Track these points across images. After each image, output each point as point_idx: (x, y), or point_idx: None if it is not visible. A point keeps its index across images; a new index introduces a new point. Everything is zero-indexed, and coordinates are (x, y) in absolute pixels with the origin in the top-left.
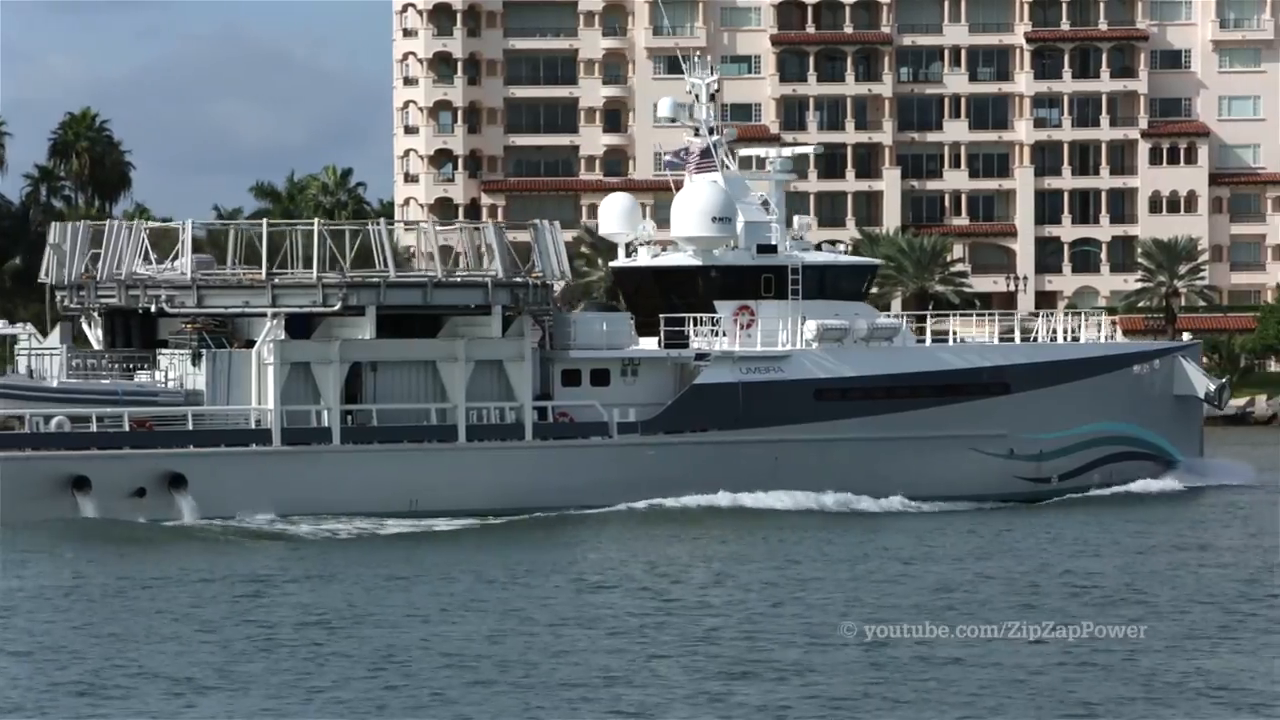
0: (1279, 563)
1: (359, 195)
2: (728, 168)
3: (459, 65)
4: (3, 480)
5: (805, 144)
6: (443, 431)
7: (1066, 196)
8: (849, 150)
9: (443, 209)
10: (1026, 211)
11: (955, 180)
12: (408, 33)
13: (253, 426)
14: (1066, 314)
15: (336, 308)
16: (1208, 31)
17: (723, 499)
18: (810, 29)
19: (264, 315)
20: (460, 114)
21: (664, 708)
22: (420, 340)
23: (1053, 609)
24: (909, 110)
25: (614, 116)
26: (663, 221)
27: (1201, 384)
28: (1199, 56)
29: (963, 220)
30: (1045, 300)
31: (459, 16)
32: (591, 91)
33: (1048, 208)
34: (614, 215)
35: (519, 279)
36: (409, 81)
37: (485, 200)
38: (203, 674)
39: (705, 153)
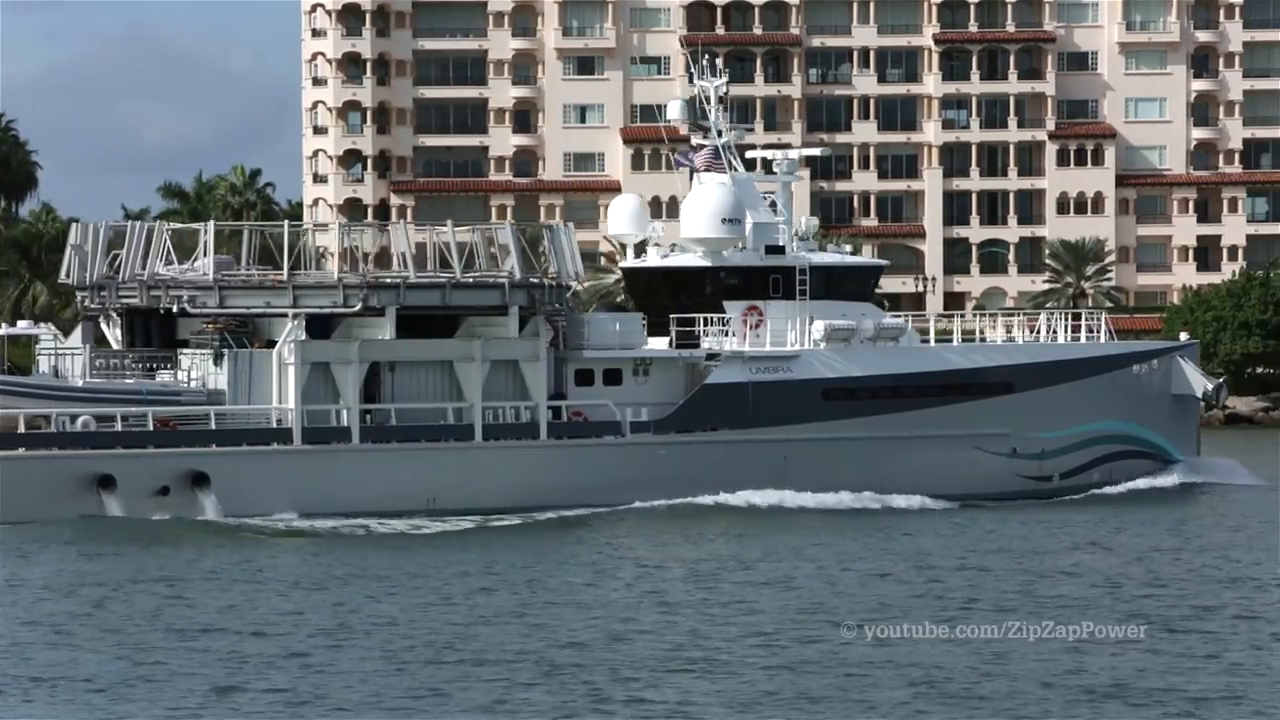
0: None
1: (268, 196)
2: (735, 169)
3: (368, 65)
4: (30, 479)
5: (810, 149)
6: (460, 431)
7: (974, 198)
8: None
9: (352, 210)
10: (935, 213)
11: (864, 181)
12: (316, 33)
13: (274, 426)
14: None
15: (357, 308)
16: (1114, 34)
17: (763, 497)
18: (720, 30)
19: (285, 316)
20: (369, 114)
21: None
22: (438, 340)
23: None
24: (818, 111)
25: (524, 117)
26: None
27: (1199, 383)
28: (1105, 59)
29: (871, 221)
30: (953, 301)
31: (368, 17)
32: (501, 92)
33: (956, 209)
34: (622, 216)
35: (535, 280)
36: (318, 82)
37: (395, 201)
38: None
39: (714, 154)
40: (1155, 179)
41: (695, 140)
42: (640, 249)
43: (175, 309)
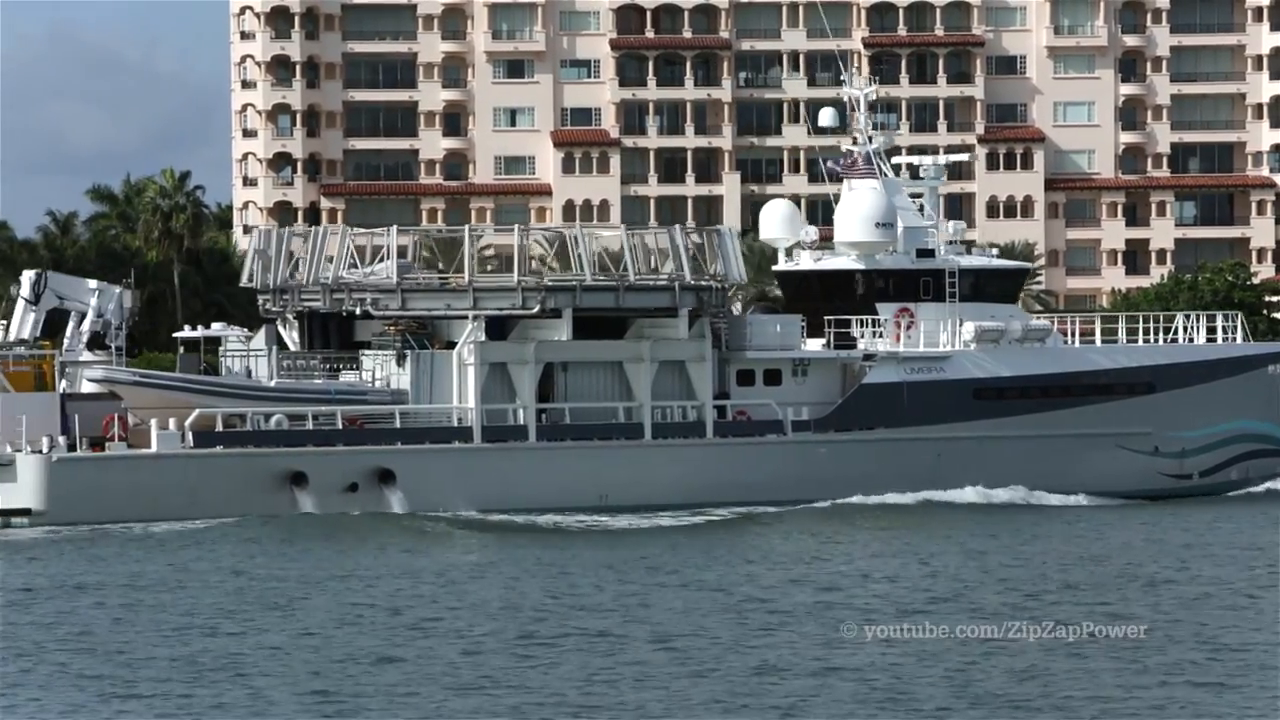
0: None
1: (197, 199)
2: (885, 174)
3: (297, 68)
4: (228, 476)
5: (960, 152)
6: (630, 429)
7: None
8: (688, 155)
9: (282, 213)
10: None
11: (794, 185)
12: (245, 35)
13: (455, 424)
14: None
15: (535, 310)
16: (1042, 38)
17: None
18: (649, 33)
19: (465, 318)
20: (299, 117)
21: None
22: (610, 341)
23: None
24: (748, 115)
25: (454, 120)
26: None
27: None
28: (1034, 62)
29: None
30: None
31: (297, 19)
32: (431, 95)
33: None
34: (775, 221)
35: (703, 282)
36: (247, 84)
37: (325, 204)
38: None
39: (865, 159)
40: (1084, 183)
41: (844, 146)
42: (790, 252)
43: (358, 311)
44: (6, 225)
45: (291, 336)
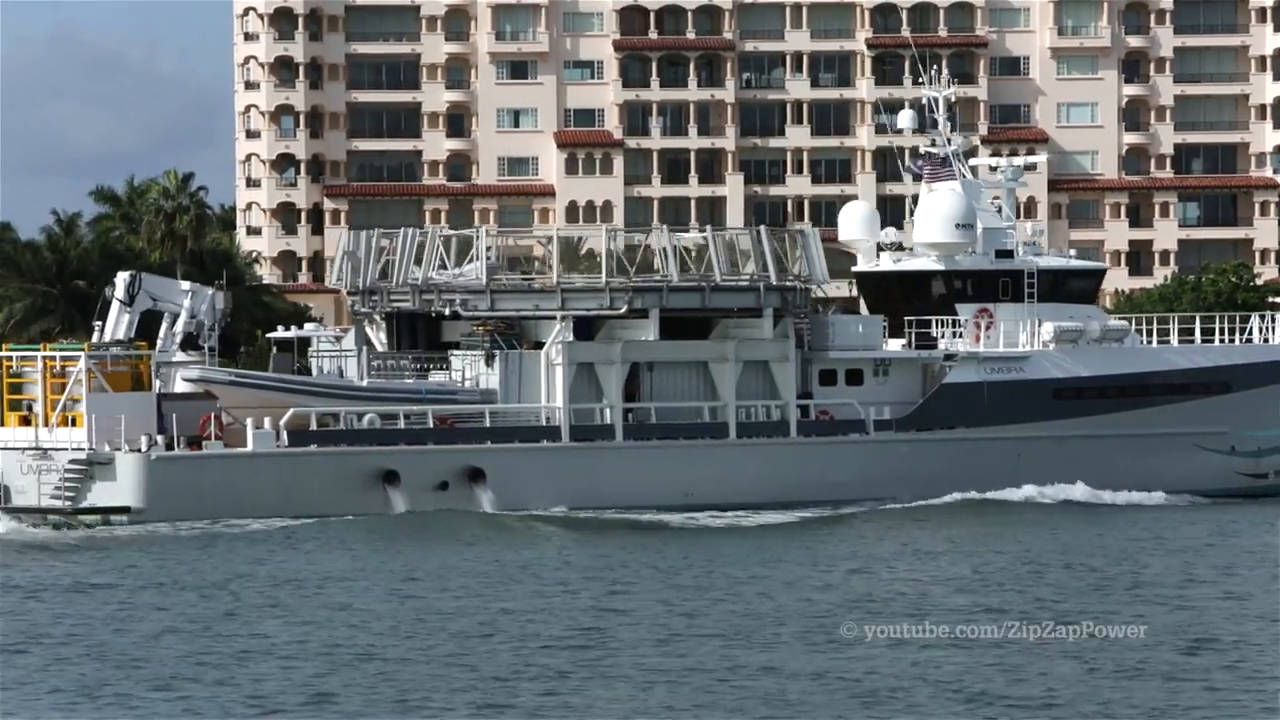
0: None
1: (201, 200)
2: (964, 176)
3: (301, 69)
4: (322, 474)
5: (1035, 156)
6: (714, 429)
7: (908, 202)
8: (692, 156)
9: (285, 214)
10: None
11: (797, 186)
12: (249, 36)
13: (543, 424)
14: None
15: (622, 310)
16: (1046, 39)
17: (1024, 492)
18: (653, 34)
19: (553, 318)
20: (302, 118)
21: None
22: (695, 341)
23: None
24: (751, 116)
25: (457, 121)
26: (509, 227)
27: None
28: (1037, 63)
29: (805, 225)
30: None
31: (300, 20)
32: (434, 96)
33: (890, 213)
34: (853, 222)
35: (789, 283)
36: (250, 85)
37: (328, 205)
38: None
39: (944, 161)
40: (1087, 184)
41: (923, 148)
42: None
43: (447, 312)
44: (10, 227)
45: (379, 337)
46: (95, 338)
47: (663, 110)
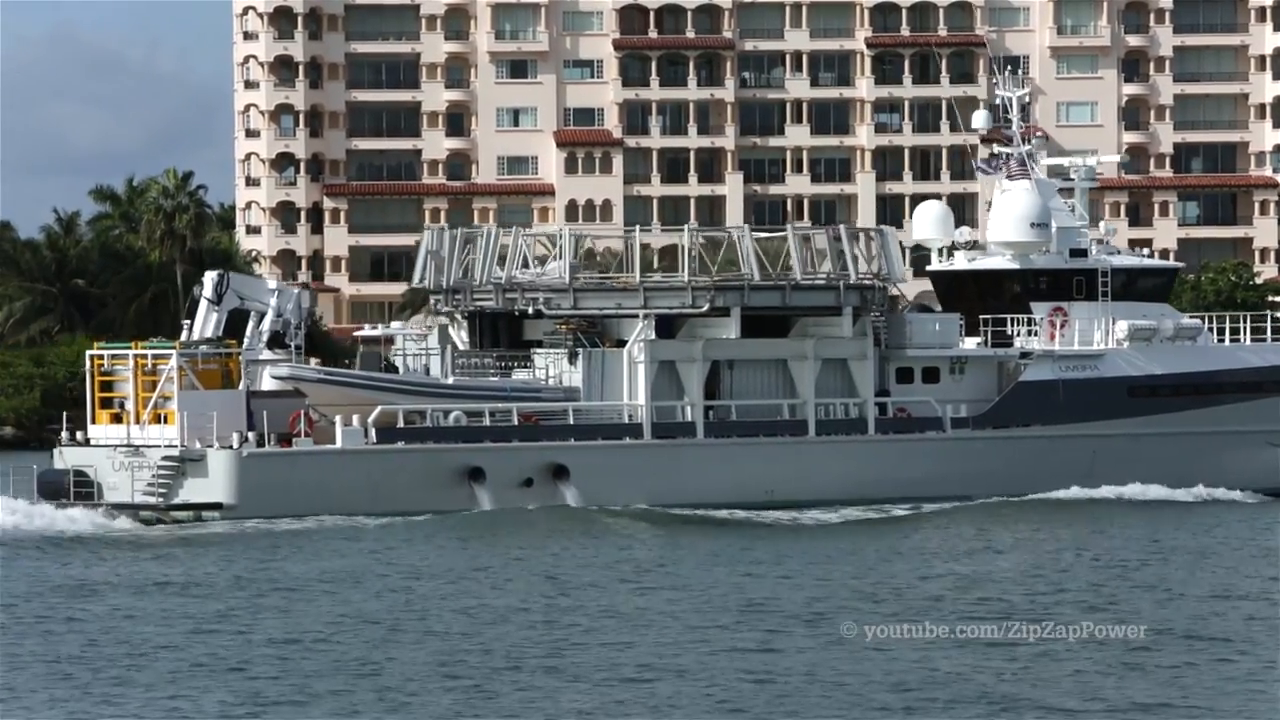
0: None
1: (200, 199)
2: (1038, 175)
3: (300, 69)
4: (408, 471)
5: (1111, 155)
6: (794, 426)
7: (908, 201)
8: (691, 155)
9: (284, 213)
10: (868, 216)
11: (797, 185)
12: (248, 36)
13: (626, 421)
14: None
15: (704, 309)
16: (1045, 38)
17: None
18: (652, 34)
19: (635, 316)
20: (302, 117)
21: None
22: (775, 340)
23: None
24: (751, 115)
25: (456, 120)
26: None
27: None
28: (1037, 63)
29: (805, 224)
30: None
31: (300, 20)
32: (434, 95)
33: (889, 212)
34: (928, 222)
35: (868, 282)
36: (250, 85)
37: (328, 204)
38: None
39: (1019, 161)
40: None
41: (996, 148)
42: (945, 252)
43: (530, 311)
44: (9, 226)
45: (460, 335)
46: (183, 336)
47: (662, 109)
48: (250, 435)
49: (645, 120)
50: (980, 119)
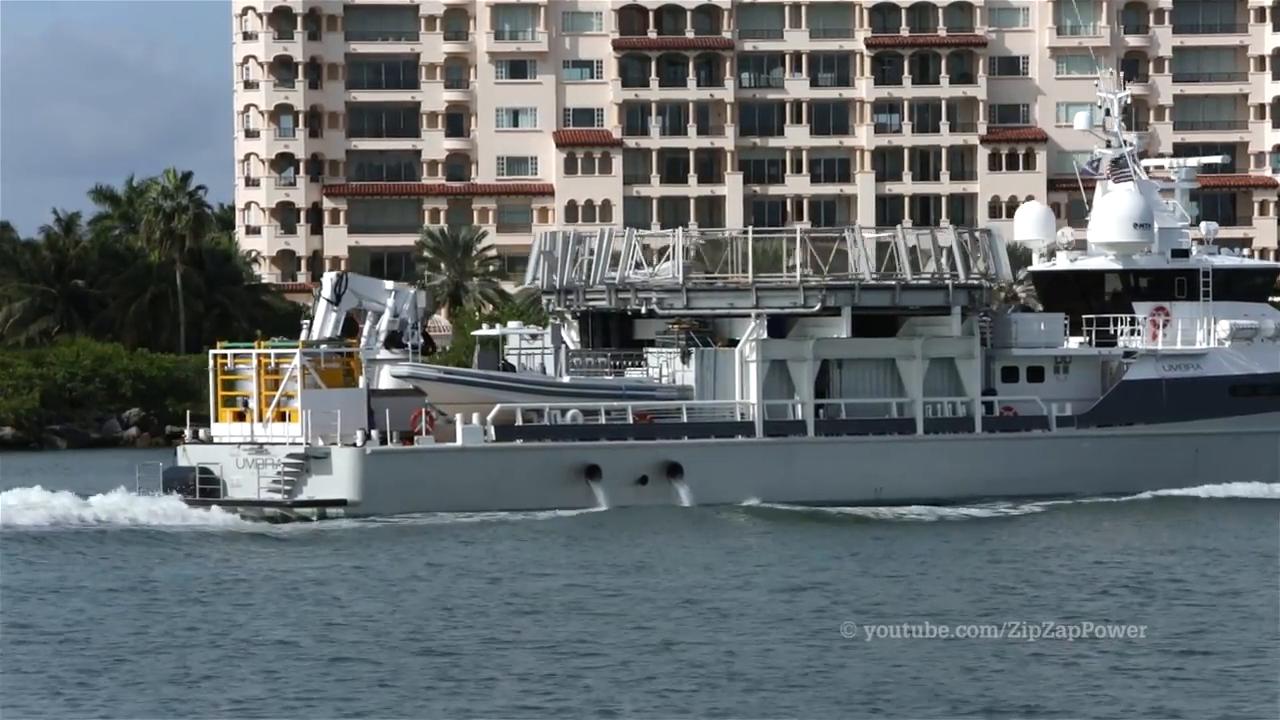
0: None
1: (200, 199)
2: (1139, 176)
3: (300, 69)
4: (527, 468)
5: (1210, 156)
6: (902, 424)
7: (907, 201)
8: (691, 155)
9: (284, 213)
10: (867, 216)
11: (797, 185)
12: (248, 36)
13: (738, 419)
14: None
15: (816, 309)
16: (1045, 38)
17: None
18: (652, 34)
19: (748, 316)
20: (301, 118)
21: None
22: (884, 339)
23: None
24: (750, 115)
25: (456, 120)
26: (508, 226)
27: None
28: (1036, 63)
29: (805, 224)
30: None
31: (299, 20)
32: (433, 96)
33: (889, 212)
34: (1029, 222)
35: (976, 281)
36: (249, 85)
37: (327, 204)
38: None
39: (1119, 162)
40: (1088, 183)
41: (1097, 149)
42: (1047, 253)
43: (643, 310)
44: (9, 226)
45: (570, 335)
46: (303, 335)
47: (662, 110)
48: (374, 434)
49: (645, 121)
50: (1081, 120)
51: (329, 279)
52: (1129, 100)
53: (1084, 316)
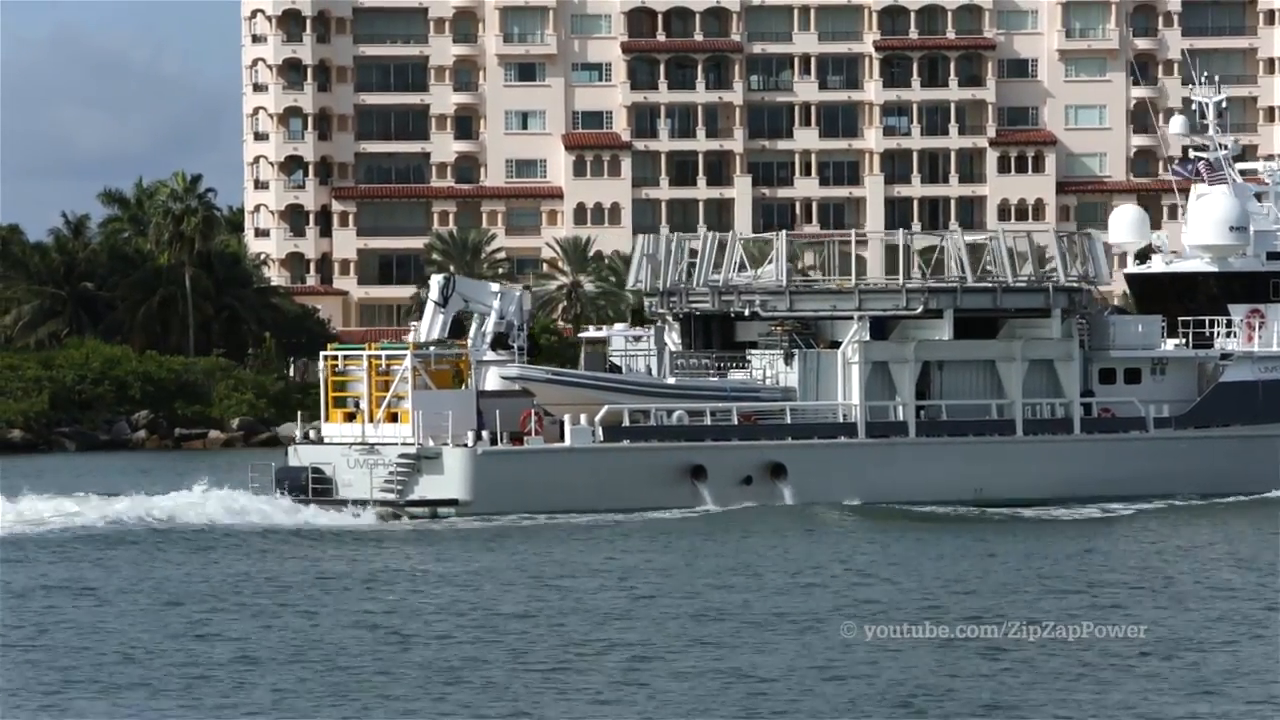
0: None
1: (209, 202)
2: (1234, 179)
3: (309, 71)
4: (634, 468)
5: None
6: (1002, 426)
7: (916, 204)
8: (700, 158)
9: (293, 216)
10: (876, 219)
11: (806, 188)
12: (257, 38)
13: (840, 420)
14: None
15: (918, 311)
16: (1054, 41)
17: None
18: (661, 36)
19: (850, 318)
20: (311, 120)
21: None
22: (985, 341)
23: None
24: (759, 118)
25: (465, 123)
26: (516, 229)
27: None
28: (1045, 66)
29: (813, 227)
30: None
31: (308, 22)
32: (442, 98)
33: (897, 215)
34: (1124, 225)
35: (1075, 284)
36: (259, 87)
37: (336, 207)
38: None
39: (1214, 165)
40: (1096, 186)
41: (1192, 152)
42: (1142, 255)
43: (747, 313)
44: (18, 229)
45: (672, 337)
46: (410, 337)
47: (671, 112)
48: (484, 434)
49: (654, 123)
50: (1177, 124)
51: (436, 281)
52: (1225, 104)
53: (1179, 319)
